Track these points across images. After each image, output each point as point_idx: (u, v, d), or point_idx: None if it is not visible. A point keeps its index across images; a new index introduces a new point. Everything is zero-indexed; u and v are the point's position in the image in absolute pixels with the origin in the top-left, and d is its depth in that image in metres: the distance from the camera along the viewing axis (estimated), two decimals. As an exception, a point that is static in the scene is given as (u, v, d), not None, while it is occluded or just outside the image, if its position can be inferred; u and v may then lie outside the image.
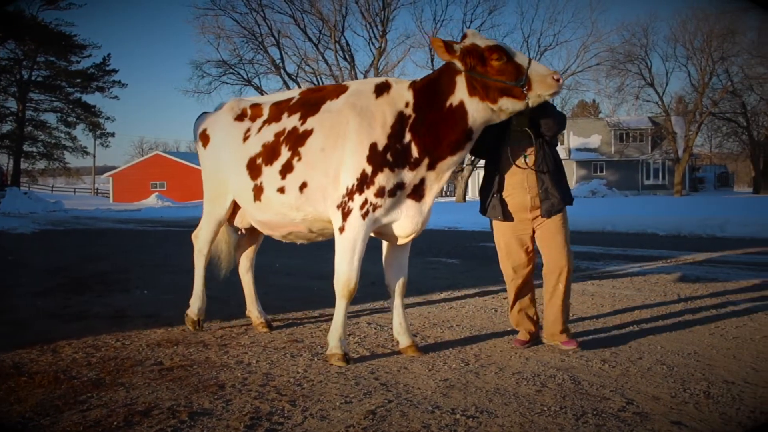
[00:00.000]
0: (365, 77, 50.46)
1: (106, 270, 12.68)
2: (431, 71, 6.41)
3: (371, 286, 9.91)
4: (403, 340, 6.39)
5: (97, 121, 66.94)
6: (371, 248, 7.41)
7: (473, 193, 58.66)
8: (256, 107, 6.89)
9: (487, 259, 13.40)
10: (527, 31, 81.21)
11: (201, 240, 7.38)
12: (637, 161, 69.80)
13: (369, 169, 5.86)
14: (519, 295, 6.51)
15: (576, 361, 5.97)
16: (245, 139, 6.70)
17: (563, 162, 6.69)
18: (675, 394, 5.09)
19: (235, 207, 7.10)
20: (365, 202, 5.88)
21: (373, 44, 50.82)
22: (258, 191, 6.50)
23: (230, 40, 49.31)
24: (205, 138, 7.18)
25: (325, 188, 6.08)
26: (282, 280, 10.84)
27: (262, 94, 49.20)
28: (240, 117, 6.90)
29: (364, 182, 5.87)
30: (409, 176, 5.94)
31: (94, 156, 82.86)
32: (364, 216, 5.89)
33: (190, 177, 70.94)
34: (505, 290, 9.37)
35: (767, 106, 60.00)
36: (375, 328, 7.32)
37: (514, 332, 6.97)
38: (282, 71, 49.37)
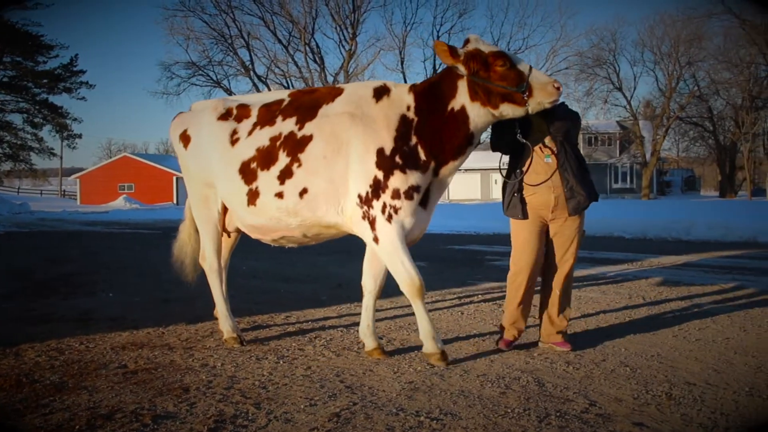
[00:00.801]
0: (335, 80, 50.44)
1: (72, 272, 12.56)
2: (401, 74, 6.42)
3: (338, 288, 9.95)
4: (369, 343, 6.38)
5: (64, 122, 66.14)
6: (337, 251, 7.41)
7: (444, 196, 58.65)
8: (242, 107, 6.71)
9: (455, 261, 13.46)
10: (497, 35, 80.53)
11: (208, 254, 7.00)
12: (605, 165, 70.29)
13: (380, 174, 5.86)
14: (526, 293, 6.45)
15: (540, 363, 6.01)
16: (234, 141, 6.53)
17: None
18: (637, 395, 5.13)
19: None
20: (384, 206, 5.86)
21: (343, 47, 50.88)
22: (253, 196, 6.37)
23: (200, 41, 49.20)
24: (185, 138, 6.95)
25: (327, 194, 6.05)
26: (249, 283, 10.80)
27: (231, 95, 49.18)
28: (224, 116, 6.69)
29: (378, 188, 5.87)
30: (420, 179, 5.94)
31: (61, 157, 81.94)
32: (389, 219, 5.87)
33: (158, 179, 70.60)
34: (468, 293, 9.49)
35: (733, 111, 60.63)
36: (341, 331, 7.31)
37: (480, 335, 7.01)
38: (251, 73, 49.25)
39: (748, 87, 52.88)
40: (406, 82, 52.58)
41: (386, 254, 5.95)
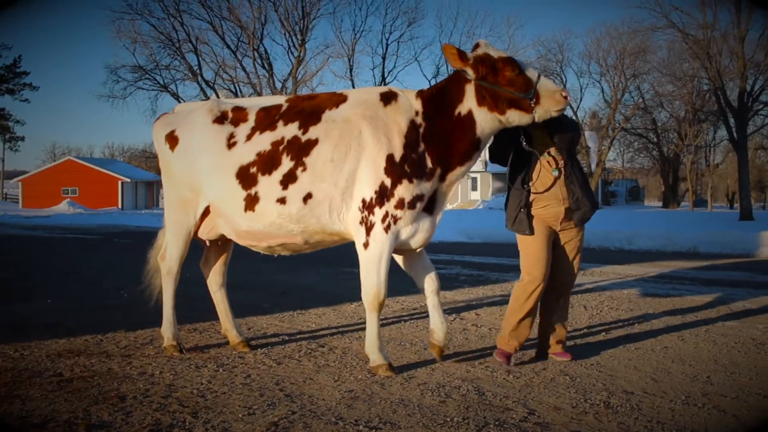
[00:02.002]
0: (283, 86, 50.21)
1: (9, 277, 12.34)
2: (350, 81, 6.41)
3: (281, 296, 9.88)
4: (438, 337, 6.24)
5: (7, 124, 65.25)
6: (283, 259, 7.35)
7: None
8: (239, 111, 6.52)
9: (399, 270, 13.43)
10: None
11: (171, 257, 6.81)
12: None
13: (388, 181, 5.84)
14: (536, 303, 6.37)
15: (481, 372, 6.02)
16: (231, 145, 6.34)
17: (479, 174, 6.72)
18: (576, 404, 5.17)
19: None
20: (386, 215, 5.85)
21: (292, 53, 50.61)
22: (251, 201, 6.19)
23: (147, 45, 48.50)
24: (173, 140, 6.68)
25: (332, 200, 5.98)
26: (191, 290, 10.62)
27: (179, 101, 48.64)
28: (220, 120, 6.47)
29: (383, 195, 5.84)
30: (427, 187, 5.94)
31: (3, 160, 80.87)
32: (387, 229, 5.87)
33: (103, 183, 69.67)
34: (412, 302, 9.47)
35: (676, 123, 61.64)
36: (283, 338, 7.27)
37: (422, 343, 6.99)
38: (199, 78, 48.74)
39: (691, 100, 53.74)
40: (354, 88, 52.73)
41: (369, 260, 5.95)
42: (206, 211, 6.60)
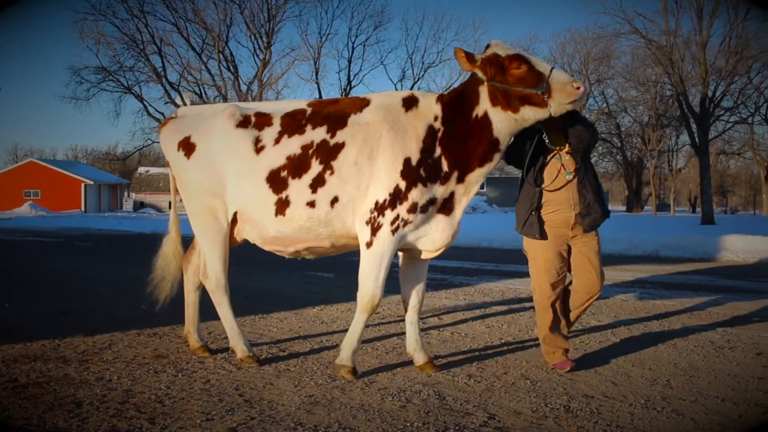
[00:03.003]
0: (249, 89, 50.00)
1: (-33, 281, 12.12)
2: (316, 84, 6.38)
3: (244, 300, 9.79)
4: (419, 357, 6.30)
5: (-32, 125, 64.41)
6: (246, 262, 7.29)
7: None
8: (262, 116, 6.40)
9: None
10: (411, 48, 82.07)
11: (215, 269, 6.54)
12: (517, 178, 71.13)
13: (403, 185, 5.83)
14: (556, 314, 6.34)
15: (442, 376, 6.01)
16: (259, 149, 6.24)
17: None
18: (536, 408, 5.18)
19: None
20: (397, 217, 5.84)
21: (257, 56, 50.41)
22: (282, 205, 6.12)
23: (111, 46, 47.99)
24: (188, 147, 6.49)
25: (354, 202, 5.97)
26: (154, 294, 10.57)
27: (143, 103, 48.33)
28: (243, 124, 6.35)
29: (397, 198, 5.83)
30: (440, 191, 5.94)
31: (-36, 162, 79.62)
32: (394, 232, 5.87)
33: (66, 186, 68.95)
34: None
35: (640, 128, 62.22)
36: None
37: (384, 347, 6.98)
38: (164, 80, 48.37)
39: (654, 105, 54.26)
40: (320, 92, 52.53)
41: (370, 261, 5.94)
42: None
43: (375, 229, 5.88)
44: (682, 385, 5.86)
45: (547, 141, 6.16)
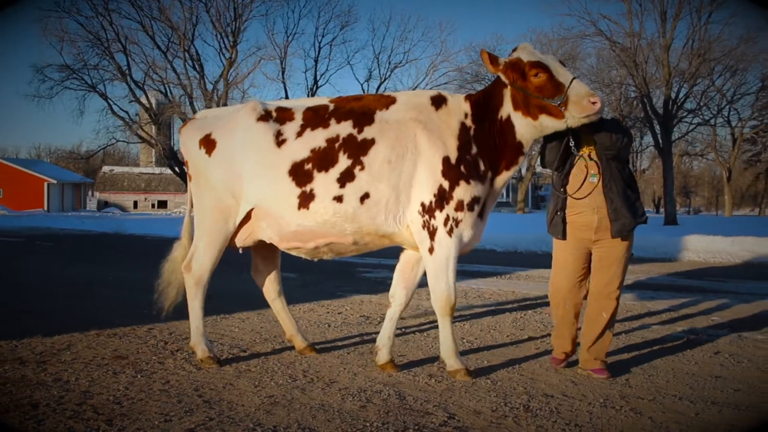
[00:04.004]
0: (215, 88, 49.74)
1: (-76, 282, 11.95)
2: (282, 84, 6.35)
3: (207, 300, 9.73)
4: (384, 355, 6.28)
5: (-72, 124, 63.46)
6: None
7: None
8: (283, 110, 6.34)
9: (326, 273, 13.40)
10: (378, 48, 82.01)
11: (201, 265, 6.43)
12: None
13: (446, 184, 5.83)
14: (566, 314, 6.31)
15: (403, 376, 6.01)
16: (280, 142, 6.15)
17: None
18: (496, 408, 5.19)
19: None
20: (447, 218, 5.83)
21: (223, 55, 50.10)
22: (306, 198, 6.02)
23: (74, 44, 47.47)
24: (209, 144, 6.40)
25: (388, 201, 5.92)
26: (114, 294, 10.51)
27: (107, 102, 47.85)
28: (264, 118, 6.26)
29: (442, 197, 5.83)
30: (481, 189, 5.94)
31: (-76, 161, 78.38)
32: (450, 232, 5.85)
33: (28, 185, 68.21)
34: (337, 306, 9.45)
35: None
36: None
37: (346, 347, 6.97)
38: (128, 78, 47.93)
39: (619, 107, 54.65)
40: (286, 92, 52.38)
41: (437, 267, 5.93)
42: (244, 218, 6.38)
43: (432, 233, 5.88)
44: (640, 383, 5.91)
45: (573, 145, 6.07)
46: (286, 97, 52.50)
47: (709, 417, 5.08)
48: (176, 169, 50.38)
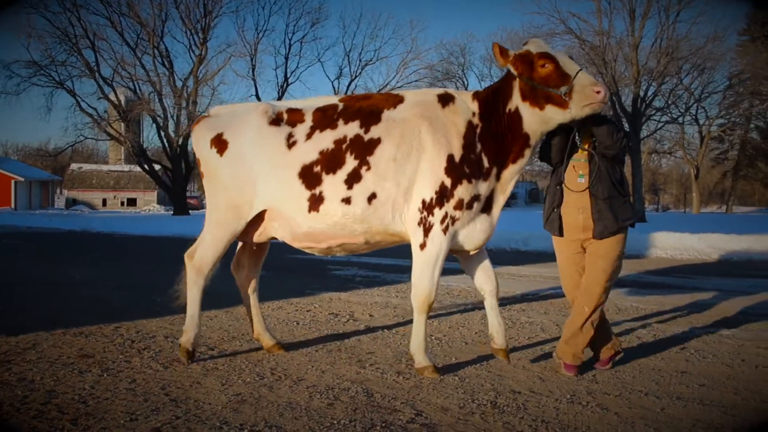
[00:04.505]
0: (184, 85, 49.49)
1: None
2: (252, 81, 6.32)
3: (174, 300, 9.67)
4: (499, 340, 6.23)
5: None
6: (174, 260, 7.20)
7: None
8: (294, 112, 6.34)
9: (296, 271, 13.39)
10: (349, 46, 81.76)
11: (205, 257, 6.43)
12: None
13: (448, 182, 5.83)
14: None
15: (371, 373, 6.01)
16: (291, 145, 6.16)
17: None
18: (463, 404, 5.20)
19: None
20: (445, 216, 5.84)
21: (193, 51, 49.86)
22: (315, 201, 6.04)
23: (42, 40, 46.99)
24: (221, 144, 6.39)
25: (395, 200, 5.93)
26: (80, 292, 10.41)
27: (76, 98, 47.40)
28: (276, 121, 6.27)
29: (443, 195, 5.83)
30: (483, 187, 5.96)
31: None
32: (445, 230, 5.86)
33: (-7, 182, 67.63)
34: (306, 303, 9.45)
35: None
36: (172, 342, 7.11)
37: (314, 345, 6.96)
38: (97, 75, 47.53)
39: (588, 104, 55.14)
40: (256, 89, 52.19)
41: (424, 262, 5.95)
42: (256, 215, 6.36)
43: (427, 230, 5.89)
44: (607, 379, 5.95)
45: (578, 140, 6.13)
46: (257, 95, 52.41)
47: (675, 412, 5.12)
48: (145, 166, 50.09)
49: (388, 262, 14.93)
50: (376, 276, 12.72)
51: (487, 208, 6.10)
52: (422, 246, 5.93)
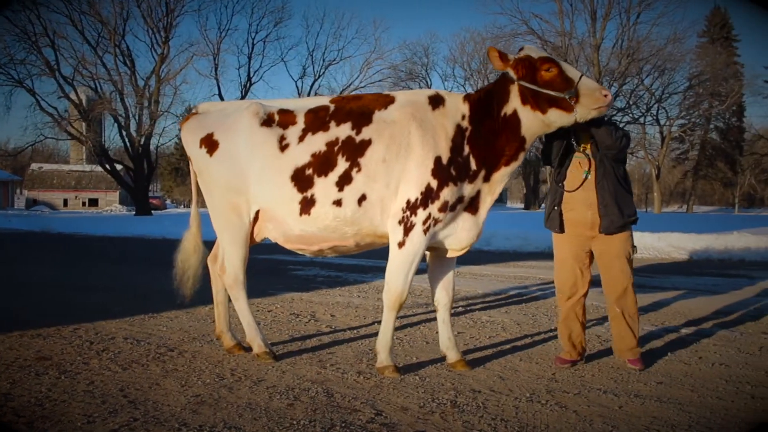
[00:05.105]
0: (146, 84, 49.17)
1: None
2: (215, 80, 6.28)
3: (135, 299, 9.65)
4: (452, 355, 6.30)
5: None
6: (139, 260, 7.13)
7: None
8: (285, 113, 6.31)
9: (257, 271, 13.31)
10: (312, 45, 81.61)
11: (233, 264, 6.48)
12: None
13: (434, 183, 5.82)
14: (567, 313, 6.45)
15: (332, 373, 6.00)
16: (283, 147, 6.14)
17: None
18: (423, 404, 5.21)
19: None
20: (428, 217, 5.84)
21: (155, 50, 49.62)
22: (307, 204, 6.05)
23: (0, 38, 46.46)
24: (211, 144, 6.39)
25: (384, 201, 5.92)
26: (39, 293, 10.30)
27: (35, 97, 46.85)
28: (267, 123, 6.24)
29: (428, 196, 5.82)
30: (468, 189, 5.96)
31: None
32: (426, 231, 5.87)
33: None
34: (268, 303, 9.41)
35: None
36: (132, 343, 7.04)
37: (275, 344, 6.93)
38: (57, 73, 47.04)
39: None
40: (219, 88, 51.97)
41: (401, 260, 5.95)
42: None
43: (408, 229, 5.89)
44: (567, 378, 5.99)
45: (574, 141, 6.25)
46: (219, 95, 52.23)
47: (632, 409, 5.16)
48: (107, 166, 49.68)
49: (350, 262, 14.93)
50: (338, 276, 12.72)
51: (473, 208, 6.12)
52: (401, 244, 5.93)
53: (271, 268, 14.03)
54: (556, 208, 6.38)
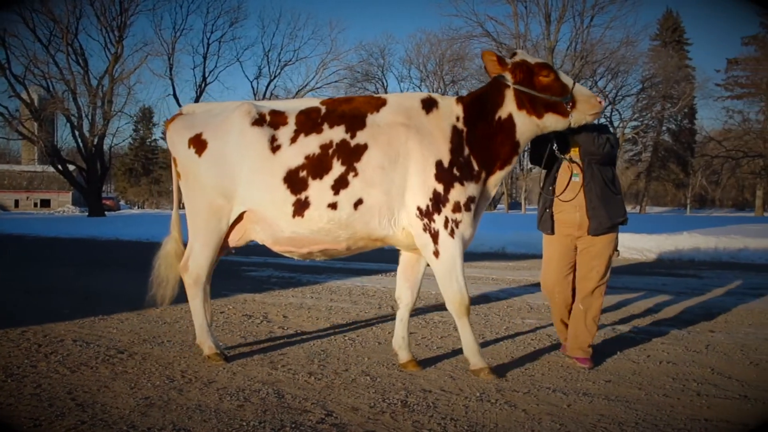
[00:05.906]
0: (99, 83, 48.64)
1: None
2: (170, 80, 6.23)
3: (84, 301, 9.54)
4: (404, 355, 6.35)
5: None
6: (88, 263, 7.07)
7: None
8: (276, 114, 6.22)
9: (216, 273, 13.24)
10: (268, 46, 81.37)
11: (197, 265, 6.39)
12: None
13: (440, 187, 5.83)
14: (557, 308, 6.68)
15: (283, 374, 5.99)
16: (275, 148, 6.06)
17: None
18: (374, 404, 5.23)
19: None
20: (447, 220, 5.82)
21: (109, 50, 49.16)
22: (300, 206, 5.97)
23: (-53, 36, 45.70)
24: (200, 144, 6.27)
25: (381, 206, 5.88)
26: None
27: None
28: (258, 122, 6.15)
29: (438, 201, 5.82)
30: (476, 190, 5.97)
31: None
32: (452, 234, 5.84)
33: None
34: (221, 305, 9.38)
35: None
36: (80, 345, 6.97)
37: (227, 346, 6.90)
38: (8, 72, 46.35)
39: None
40: (174, 88, 51.64)
41: (444, 269, 5.93)
42: (236, 218, 6.30)
43: (435, 237, 5.89)
44: (516, 377, 6.04)
45: (556, 149, 6.31)
46: (174, 95, 51.90)
47: (581, 408, 5.22)
48: (59, 167, 49.04)
49: (304, 263, 14.90)
50: (292, 277, 12.69)
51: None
52: (436, 254, 5.94)
53: (224, 269, 13.93)
54: (547, 210, 6.54)
